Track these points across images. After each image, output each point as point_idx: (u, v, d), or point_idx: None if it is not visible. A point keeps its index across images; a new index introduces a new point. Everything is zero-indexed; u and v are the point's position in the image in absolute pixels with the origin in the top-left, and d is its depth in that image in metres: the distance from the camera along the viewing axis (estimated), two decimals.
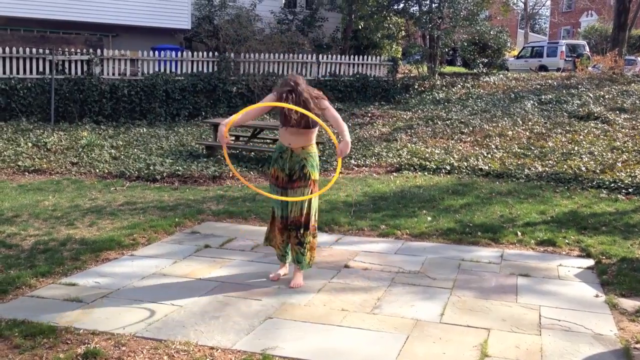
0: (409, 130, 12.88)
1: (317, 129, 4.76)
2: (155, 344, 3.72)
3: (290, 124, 4.61)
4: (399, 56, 20.87)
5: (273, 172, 4.79)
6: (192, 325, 4.00)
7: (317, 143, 4.95)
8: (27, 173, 9.89)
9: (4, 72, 13.32)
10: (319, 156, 5.04)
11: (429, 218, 7.02)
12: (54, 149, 11.22)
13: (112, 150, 11.29)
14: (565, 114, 13.37)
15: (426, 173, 9.93)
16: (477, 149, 11.32)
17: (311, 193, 4.74)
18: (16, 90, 13.03)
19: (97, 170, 10.04)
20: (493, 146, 11.37)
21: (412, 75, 18.91)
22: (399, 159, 10.75)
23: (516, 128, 12.48)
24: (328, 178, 8.70)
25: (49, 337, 3.72)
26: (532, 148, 11.10)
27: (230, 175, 9.69)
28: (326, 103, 4.70)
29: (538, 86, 16.71)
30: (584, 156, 10.36)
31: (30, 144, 11.29)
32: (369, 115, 14.69)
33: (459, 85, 17.38)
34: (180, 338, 3.79)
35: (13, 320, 3.96)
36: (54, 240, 5.95)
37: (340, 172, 5.95)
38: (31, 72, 13.55)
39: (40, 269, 5.01)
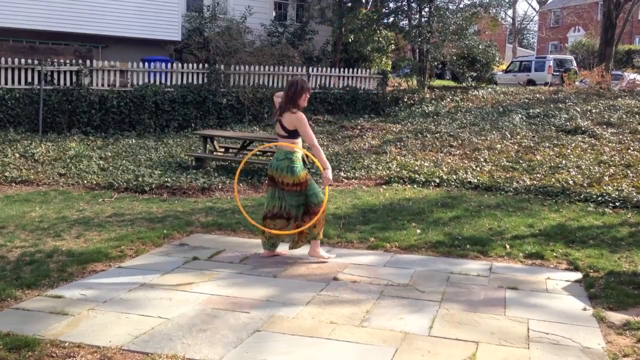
0: (398, 143, 12.94)
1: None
2: (142, 357, 3.68)
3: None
4: (389, 69, 20.98)
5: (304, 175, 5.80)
6: (179, 338, 3.97)
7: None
8: (14, 184, 9.81)
9: None
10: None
11: (418, 231, 7.03)
12: (42, 159, 11.15)
13: (101, 162, 11.24)
14: (553, 128, 13.49)
15: (415, 186, 9.96)
16: (466, 162, 11.37)
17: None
18: (4, 100, 12.95)
19: (85, 182, 9.98)
20: (482, 159, 11.44)
21: (401, 88, 19.01)
22: (388, 171, 10.78)
23: (504, 141, 12.56)
24: None
25: (34, 350, 3.68)
26: (521, 161, 11.17)
27: (220, 187, 9.66)
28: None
29: (526, 100, 16.85)
30: (571, 170, 10.43)
31: (17, 155, 11.22)
32: (359, 127, 14.74)
33: (448, 99, 17.49)
34: (167, 351, 3.76)
35: None
36: (41, 252, 5.89)
37: (329, 185, 5.99)
38: (19, 83, 13.46)
39: (25, 281, 4.96)
